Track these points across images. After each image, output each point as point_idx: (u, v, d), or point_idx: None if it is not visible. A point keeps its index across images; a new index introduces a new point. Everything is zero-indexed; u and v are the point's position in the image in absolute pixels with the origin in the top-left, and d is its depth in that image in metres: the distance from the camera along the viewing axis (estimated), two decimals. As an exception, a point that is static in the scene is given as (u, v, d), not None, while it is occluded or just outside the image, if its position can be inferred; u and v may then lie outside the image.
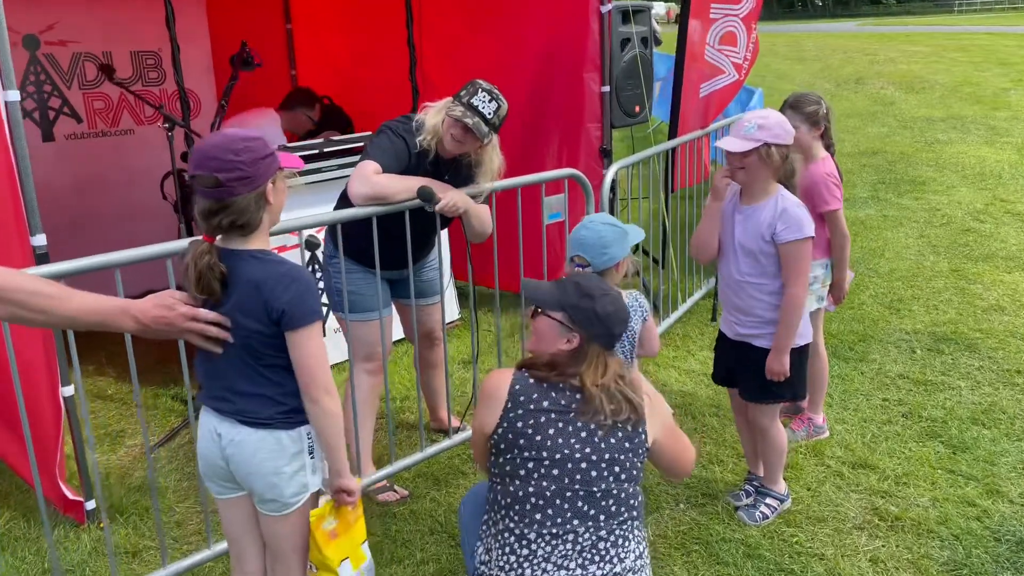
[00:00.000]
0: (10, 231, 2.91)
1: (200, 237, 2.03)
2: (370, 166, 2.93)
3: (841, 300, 3.73)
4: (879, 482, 3.47)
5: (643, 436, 2.11)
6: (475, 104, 3.00)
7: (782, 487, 3.29)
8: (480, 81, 3.08)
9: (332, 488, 2.16)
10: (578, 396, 2.08)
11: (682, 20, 4.89)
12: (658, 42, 6.56)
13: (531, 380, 2.11)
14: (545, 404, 2.09)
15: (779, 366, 3.01)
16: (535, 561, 2.06)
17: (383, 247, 3.11)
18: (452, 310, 5.24)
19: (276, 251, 2.12)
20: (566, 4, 5.02)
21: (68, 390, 3.08)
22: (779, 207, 2.94)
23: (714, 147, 5.84)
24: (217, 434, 2.11)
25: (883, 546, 3.07)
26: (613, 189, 5.51)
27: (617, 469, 2.07)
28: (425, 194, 2.95)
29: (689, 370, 4.56)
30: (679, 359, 4.71)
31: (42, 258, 2.87)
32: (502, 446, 2.12)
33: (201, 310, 2.00)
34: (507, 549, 2.09)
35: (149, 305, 1.97)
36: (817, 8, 66.61)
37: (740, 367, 3.17)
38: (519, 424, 2.09)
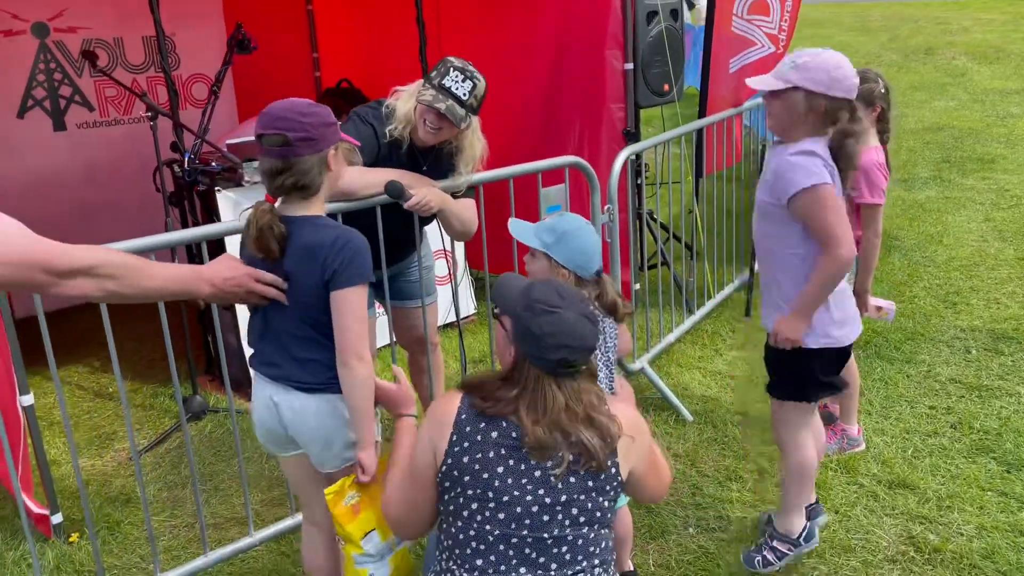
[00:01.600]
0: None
1: (263, 198, 2.12)
2: (335, 158, 2.65)
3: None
4: (919, 505, 3.09)
5: (613, 471, 1.79)
6: (447, 85, 2.68)
7: (796, 527, 2.79)
8: (452, 58, 2.76)
9: (356, 458, 2.14)
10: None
11: (711, -11, 4.49)
12: (691, 5, 6.12)
13: (473, 408, 1.82)
14: (494, 435, 1.79)
15: (786, 330, 2.50)
16: None
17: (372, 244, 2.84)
18: (467, 304, 4.97)
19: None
20: (586, -25, 4.66)
21: (27, 399, 2.90)
22: (778, 158, 2.44)
23: (745, 124, 5.40)
24: (273, 402, 2.15)
25: (917, 583, 2.71)
26: (641, 173, 5.16)
27: (575, 512, 1.76)
28: (394, 190, 2.66)
29: (715, 371, 4.20)
30: (705, 359, 4.35)
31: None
32: (447, 483, 1.83)
33: (261, 271, 2.06)
34: None
35: (219, 268, 2.06)
36: (888, -24, 63.84)
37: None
38: (465, 459, 1.79)
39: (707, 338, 4.59)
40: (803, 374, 2.62)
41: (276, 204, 2.10)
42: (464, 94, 2.68)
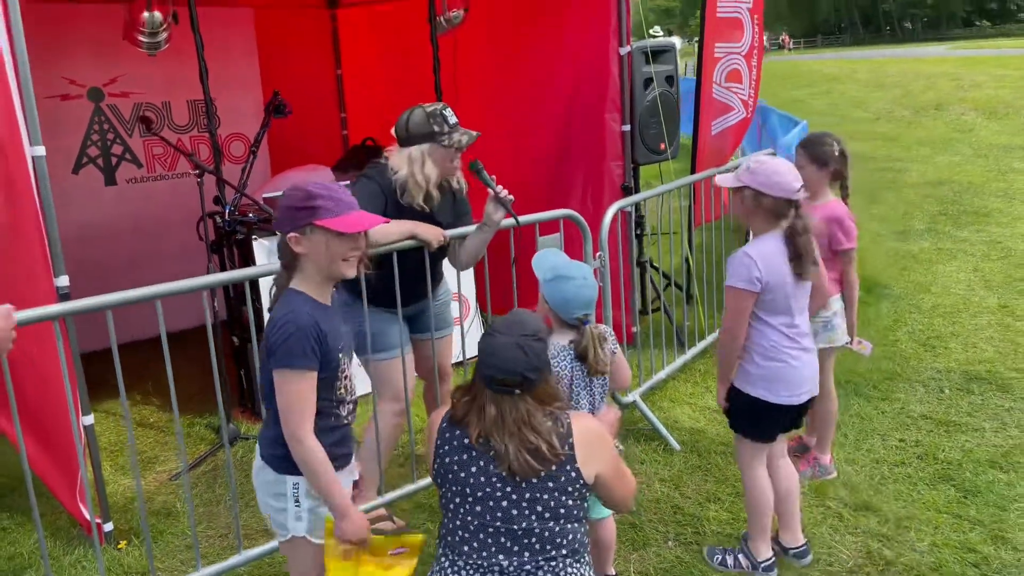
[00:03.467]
0: (38, 273, 3.20)
1: None
2: (352, 213, 3.09)
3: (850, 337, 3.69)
4: (879, 525, 3.41)
5: (573, 474, 2.14)
6: (454, 122, 3.15)
7: (761, 553, 3.12)
8: (431, 105, 3.18)
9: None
10: None
11: (699, 59, 4.95)
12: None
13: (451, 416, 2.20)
14: (465, 440, 2.15)
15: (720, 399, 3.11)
16: None
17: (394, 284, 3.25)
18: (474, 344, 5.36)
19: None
20: (588, 47, 5.16)
21: (88, 419, 3.33)
22: (735, 252, 2.93)
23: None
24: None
25: (869, 591, 3.02)
26: (641, 224, 5.60)
27: (540, 508, 2.10)
28: (481, 175, 3.22)
29: (704, 407, 4.55)
30: (695, 395, 4.70)
31: (64, 297, 3.14)
32: (438, 481, 2.21)
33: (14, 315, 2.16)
34: (439, 572, 2.18)
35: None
36: (906, 32, 64.78)
37: None
38: (447, 460, 2.17)
39: (699, 376, 4.95)
40: (734, 410, 3.08)
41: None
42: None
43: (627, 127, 5.14)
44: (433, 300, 3.60)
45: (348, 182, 3.31)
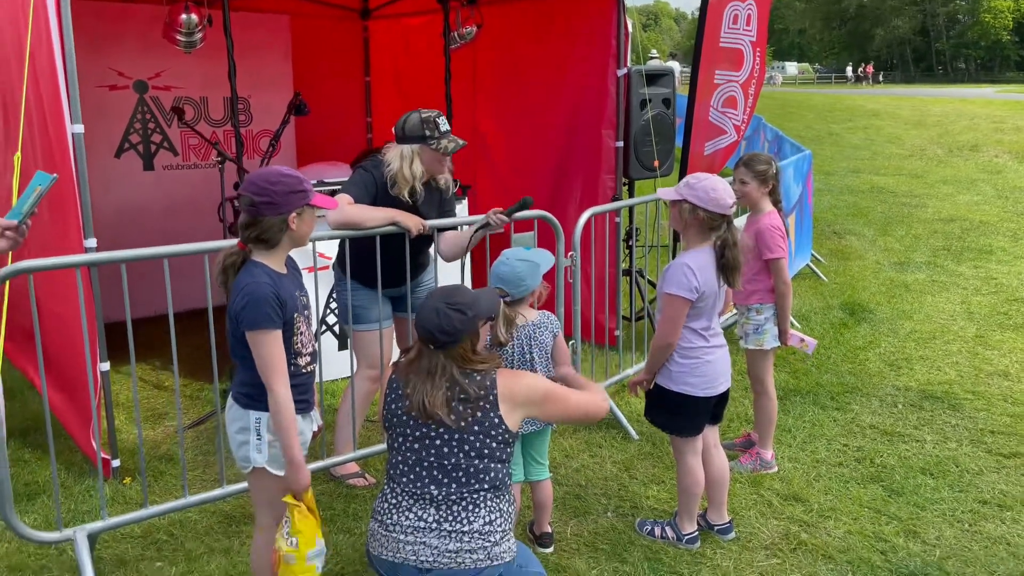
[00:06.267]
0: (73, 235, 3.68)
1: (237, 242, 2.62)
2: (344, 198, 3.53)
3: (784, 344, 4.01)
4: (803, 513, 3.73)
5: (496, 421, 2.52)
6: (446, 129, 3.55)
7: (686, 528, 3.46)
8: (426, 111, 3.58)
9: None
10: None
11: (692, 83, 5.32)
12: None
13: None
14: (409, 390, 2.55)
15: (639, 379, 3.44)
16: (400, 509, 2.54)
17: (383, 266, 3.67)
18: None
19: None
20: (591, 69, 5.58)
21: (105, 366, 3.79)
22: (672, 262, 3.28)
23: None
24: None
25: (778, 563, 3.35)
26: (632, 235, 5.96)
27: (467, 447, 2.49)
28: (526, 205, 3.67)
29: (669, 404, 4.89)
30: (663, 394, 5.04)
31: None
32: (385, 425, 2.62)
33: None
34: (382, 498, 2.59)
35: None
36: (959, 72, 64.20)
37: None
38: (393, 406, 2.57)
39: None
40: (663, 409, 3.39)
41: (247, 248, 2.57)
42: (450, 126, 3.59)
43: (620, 144, 5.53)
44: (419, 285, 4.01)
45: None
